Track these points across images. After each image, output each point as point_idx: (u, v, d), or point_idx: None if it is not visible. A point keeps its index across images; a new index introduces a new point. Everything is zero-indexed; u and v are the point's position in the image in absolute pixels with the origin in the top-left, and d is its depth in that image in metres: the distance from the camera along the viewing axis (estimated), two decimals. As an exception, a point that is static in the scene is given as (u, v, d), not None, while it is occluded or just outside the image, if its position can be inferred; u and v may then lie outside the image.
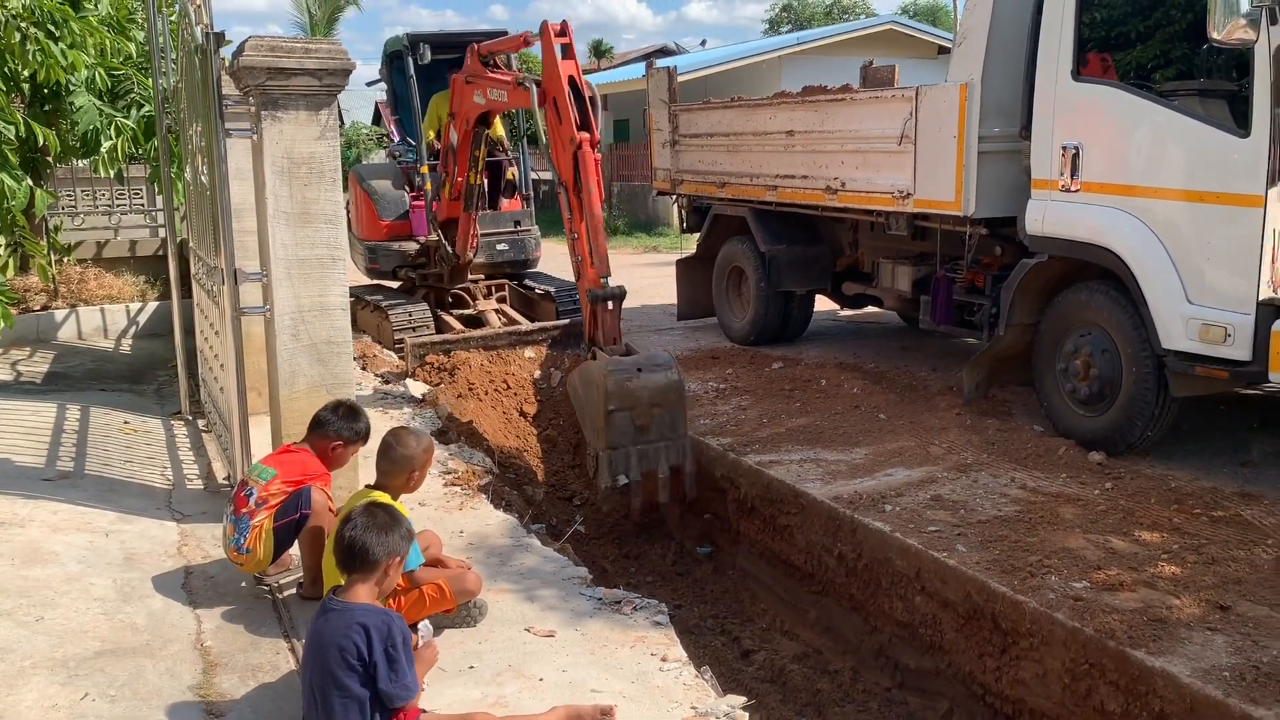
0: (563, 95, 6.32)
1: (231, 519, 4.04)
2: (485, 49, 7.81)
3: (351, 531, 2.99)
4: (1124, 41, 6.46)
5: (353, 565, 3.00)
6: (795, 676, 5.18)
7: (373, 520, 3.03)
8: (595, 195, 6.27)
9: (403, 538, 3.09)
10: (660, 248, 19.53)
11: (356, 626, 2.88)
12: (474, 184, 8.69)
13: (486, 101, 7.68)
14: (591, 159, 6.27)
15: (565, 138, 6.35)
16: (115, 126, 7.07)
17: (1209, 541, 4.74)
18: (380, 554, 2.99)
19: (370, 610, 2.95)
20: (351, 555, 2.99)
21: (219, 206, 4.69)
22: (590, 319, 6.48)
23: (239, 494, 4.08)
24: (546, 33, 6.44)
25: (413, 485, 3.85)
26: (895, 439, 6.44)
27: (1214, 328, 5.23)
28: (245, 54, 4.49)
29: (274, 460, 4.16)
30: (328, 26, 34.06)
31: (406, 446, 3.80)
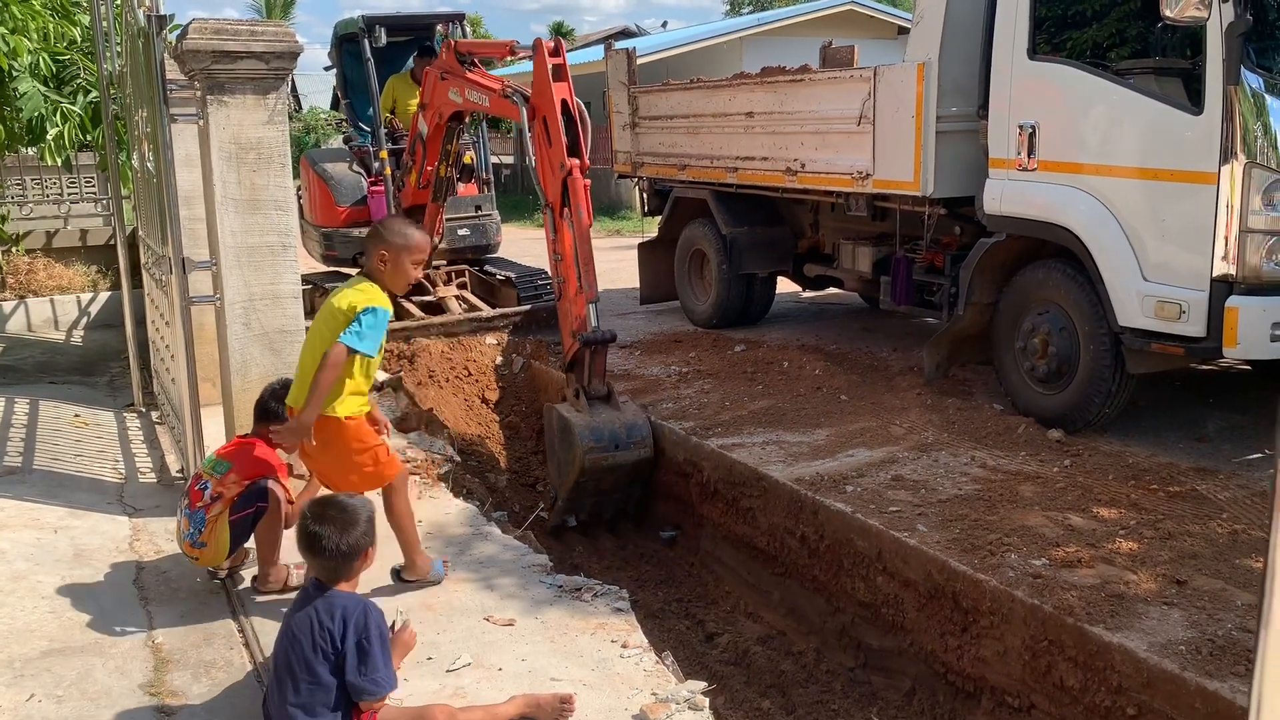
0: (554, 116, 6.20)
1: (186, 513, 3.96)
2: (463, 47, 7.63)
3: (326, 542, 2.96)
4: (1079, 20, 6.47)
5: (337, 572, 3.01)
6: (759, 658, 5.18)
7: (333, 524, 2.99)
8: (586, 222, 6.24)
9: (364, 530, 3.04)
10: (622, 231, 19.47)
11: (334, 613, 2.88)
12: (444, 175, 8.58)
13: (464, 101, 7.54)
14: (582, 185, 6.22)
15: (555, 162, 6.24)
16: (61, 113, 6.90)
17: (1165, 517, 4.78)
18: (353, 555, 3.01)
19: (350, 598, 2.94)
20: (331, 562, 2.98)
21: (165, 194, 4.59)
22: (578, 360, 6.41)
23: (193, 488, 4.00)
24: (540, 51, 6.26)
25: (390, 273, 3.83)
26: (856, 420, 6.45)
27: (1169, 304, 5.27)
28: (189, 37, 4.40)
29: (228, 453, 4.08)
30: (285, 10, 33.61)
31: (388, 229, 3.86)
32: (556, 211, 6.35)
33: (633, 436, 6.34)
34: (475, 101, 7.37)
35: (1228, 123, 5.01)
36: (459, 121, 8.20)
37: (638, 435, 6.36)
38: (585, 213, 6.21)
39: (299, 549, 3.03)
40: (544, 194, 6.47)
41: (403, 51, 10.30)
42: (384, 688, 2.90)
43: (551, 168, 6.31)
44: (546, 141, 6.30)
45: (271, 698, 2.95)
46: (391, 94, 9.82)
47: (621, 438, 6.29)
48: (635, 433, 6.36)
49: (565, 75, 6.27)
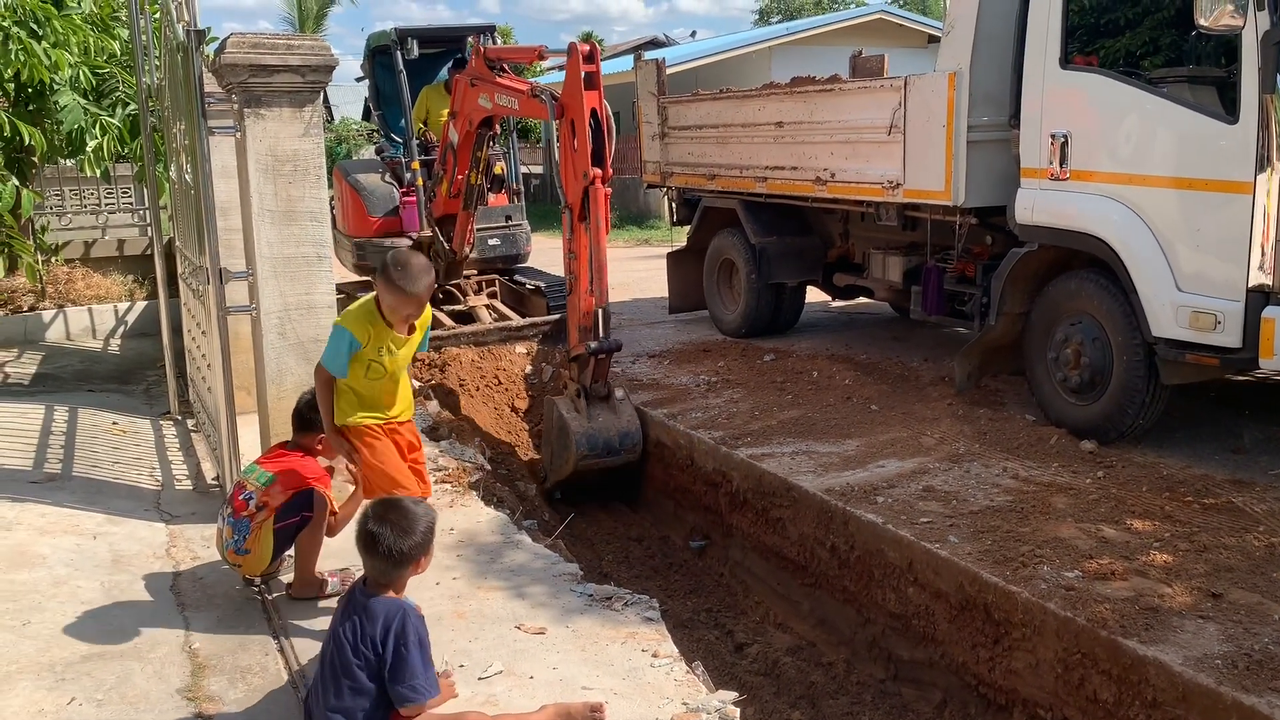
0: (582, 122, 6.23)
1: (229, 521, 4.00)
2: (493, 54, 7.70)
3: (382, 543, 2.97)
4: (1112, 29, 6.44)
5: (386, 575, 3.03)
6: (789, 669, 5.17)
7: (392, 527, 3.00)
8: (603, 232, 6.38)
9: (420, 540, 3.04)
10: (651, 241, 19.49)
11: (376, 620, 2.91)
12: (474, 184, 8.64)
13: (494, 106, 7.60)
14: (603, 195, 6.31)
15: (579, 169, 6.32)
16: (100, 125, 7.03)
17: (1200, 529, 4.73)
18: (406, 561, 3.02)
19: (392, 604, 2.97)
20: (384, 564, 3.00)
21: (203, 205, 4.66)
22: (583, 361, 6.66)
23: (236, 497, 4.04)
24: (575, 54, 6.26)
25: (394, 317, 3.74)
26: (887, 430, 6.43)
27: (1204, 315, 5.22)
28: (227, 51, 4.46)
29: (270, 463, 4.12)
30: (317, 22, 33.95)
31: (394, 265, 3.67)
32: (575, 214, 6.46)
33: (625, 444, 6.74)
34: (505, 105, 7.42)
35: (1263, 131, 4.96)
36: (489, 128, 8.26)
37: (630, 443, 6.76)
38: (603, 222, 6.34)
39: (357, 546, 3.05)
40: (564, 195, 6.57)
41: (434, 63, 10.38)
42: (422, 694, 2.91)
43: (575, 172, 6.38)
44: (572, 145, 6.35)
45: (314, 697, 2.99)
46: (425, 105, 9.91)
47: (614, 445, 6.69)
48: (628, 440, 6.75)
49: (597, 83, 6.30)
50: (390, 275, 3.62)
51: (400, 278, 3.62)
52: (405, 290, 3.64)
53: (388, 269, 3.64)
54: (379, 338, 3.73)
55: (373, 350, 3.73)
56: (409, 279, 3.63)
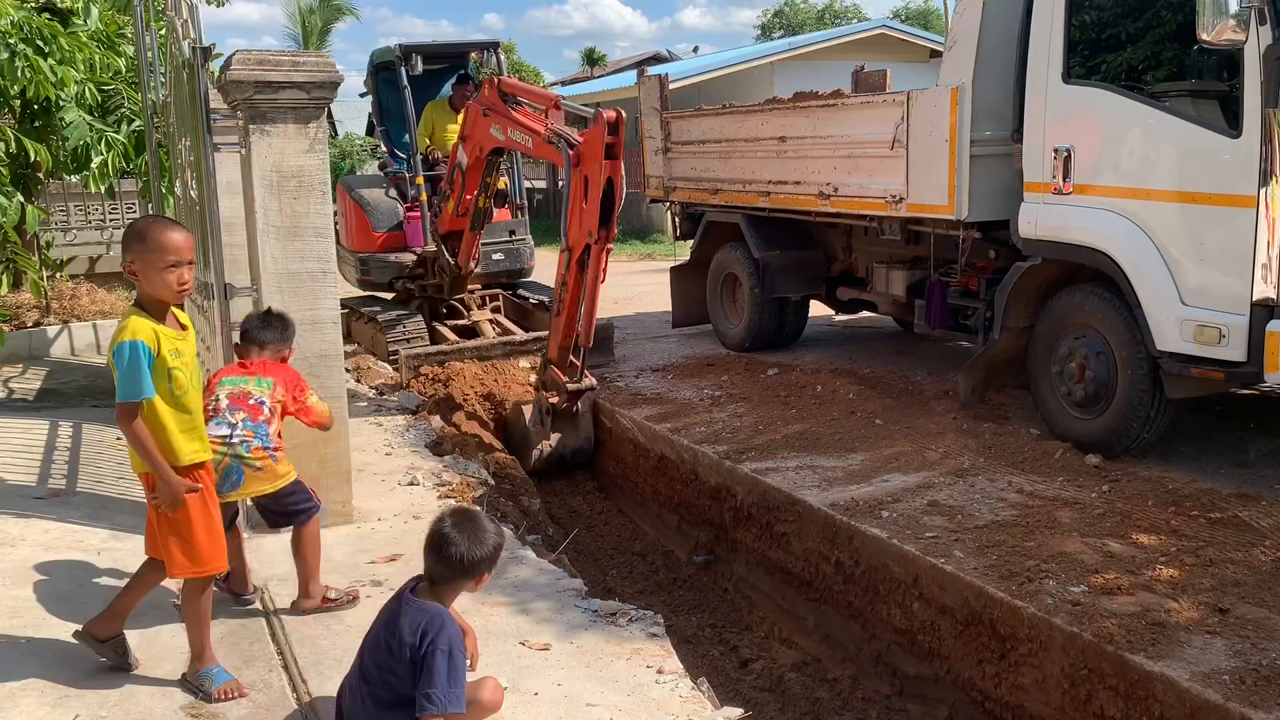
0: (596, 182, 6.34)
1: (247, 425, 3.92)
2: (507, 88, 7.73)
3: (452, 548, 2.95)
4: (1114, 43, 6.46)
5: (445, 580, 3.00)
6: (794, 685, 5.15)
7: (467, 535, 2.98)
8: (598, 285, 6.68)
9: (488, 555, 3.01)
10: (654, 255, 19.51)
11: (417, 624, 2.89)
12: (482, 206, 8.69)
13: (506, 139, 7.66)
14: (605, 255, 6.56)
15: (586, 225, 6.48)
16: (105, 141, 7.05)
17: (1207, 543, 4.72)
18: (469, 572, 3.00)
19: (434, 611, 2.94)
20: (448, 569, 2.98)
21: (209, 221, 4.68)
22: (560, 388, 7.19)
23: (246, 404, 3.98)
24: (600, 123, 6.29)
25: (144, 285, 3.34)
26: (891, 444, 6.42)
27: (1208, 329, 5.22)
28: (232, 68, 4.48)
29: (259, 370, 4.09)
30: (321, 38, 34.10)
31: (131, 234, 3.37)
32: (574, 259, 6.69)
33: (576, 457, 7.73)
34: (518, 141, 7.51)
35: (1266, 145, 4.97)
36: (499, 156, 8.31)
37: (581, 456, 7.76)
38: (601, 277, 6.65)
39: (425, 549, 3.02)
40: (565, 237, 6.76)
41: (438, 79, 10.44)
42: (439, 706, 2.82)
43: (581, 225, 6.55)
44: (583, 197, 6.44)
45: (349, 685, 3.01)
46: (429, 121, 9.95)
47: (565, 456, 7.63)
48: (580, 454, 7.74)
49: (619, 154, 6.36)
50: (133, 237, 3.33)
51: (138, 234, 3.33)
52: (151, 238, 3.28)
53: (127, 237, 3.36)
54: (163, 339, 3.34)
55: (166, 354, 3.33)
56: (151, 226, 3.38)
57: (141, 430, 3.30)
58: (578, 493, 7.74)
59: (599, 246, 6.47)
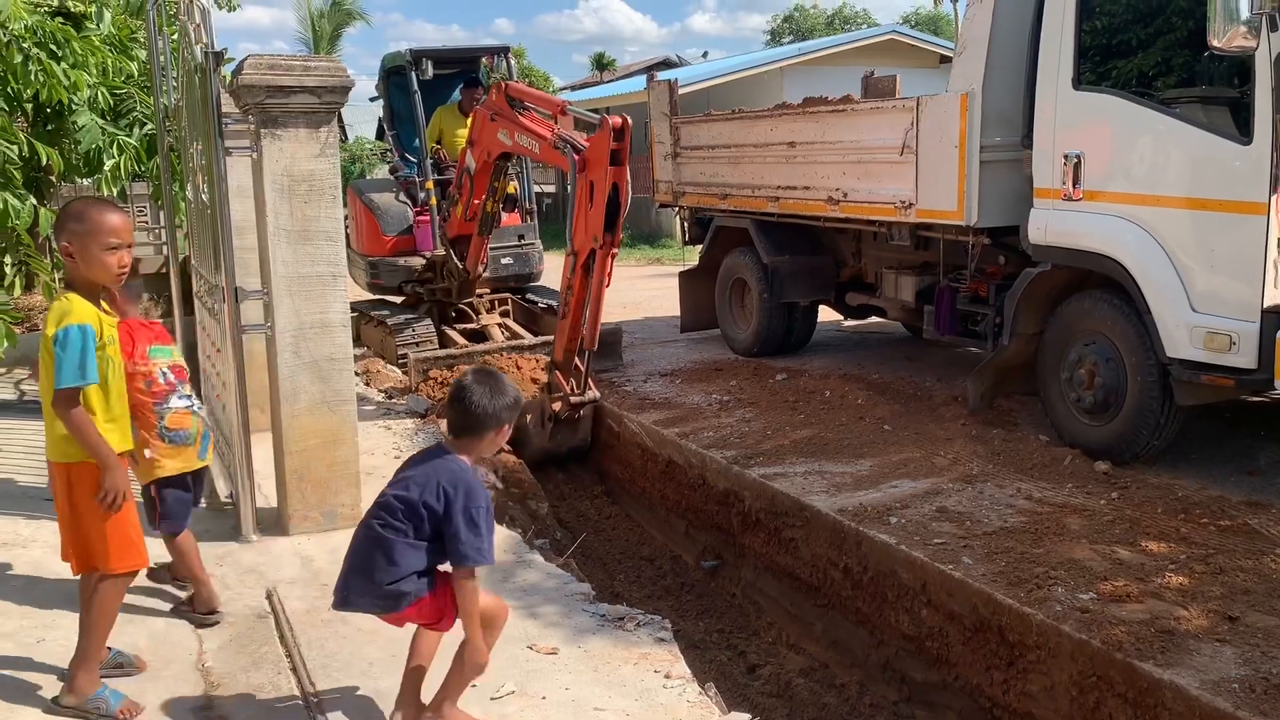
0: (602, 187, 6.37)
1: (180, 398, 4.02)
2: (515, 93, 7.75)
3: (473, 395, 2.97)
4: (1125, 49, 6.45)
5: (467, 430, 3.02)
6: (801, 691, 5.14)
7: (487, 387, 3.01)
8: (603, 289, 6.70)
9: (509, 405, 3.03)
10: (663, 260, 19.53)
11: (456, 479, 2.93)
12: (490, 211, 8.71)
13: (513, 144, 7.68)
14: (609, 259, 6.58)
15: (591, 230, 6.51)
16: (118, 145, 7.07)
17: (1216, 551, 4.70)
18: (489, 422, 3.00)
19: (470, 470, 2.99)
20: (471, 419, 2.99)
21: (220, 224, 4.69)
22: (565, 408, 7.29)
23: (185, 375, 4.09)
24: (605, 128, 6.31)
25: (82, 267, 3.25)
26: (900, 450, 6.41)
27: (1219, 336, 5.21)
28: (244, 72, 4.50)
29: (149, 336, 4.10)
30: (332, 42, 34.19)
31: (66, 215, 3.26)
32: (579, 262, 6.73)
33: (572, 454, 7.88)
34: (525, 146, 7.52)
35: (1277, 152, 4.96)
36: (507, 160, 8.33)
37: (577, 453, 7.93)
38: (606, 281, 6.68)
39: (448, 400, 3.09)
40: (571, 241, 6.78)
41: (448, 83, 10.47)
42: (487, 557, 2.93)
43: (586, 230, 6.58)
44: (588, 202, 6.46)
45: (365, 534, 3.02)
46: (438, 125, 9.98)
47: (560, 455, 7.79)
48: (576, 452, 7.91)
49: (624, 159, 6.38)
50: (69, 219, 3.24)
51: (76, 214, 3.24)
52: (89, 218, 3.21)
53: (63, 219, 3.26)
54: (105, 323, 3.28)
55: (106, 339, 3.27)
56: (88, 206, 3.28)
57: (83, 417, 3.21)
58: (585, 497, 7.75)
59: (604, 251, 6.51)
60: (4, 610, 4.10)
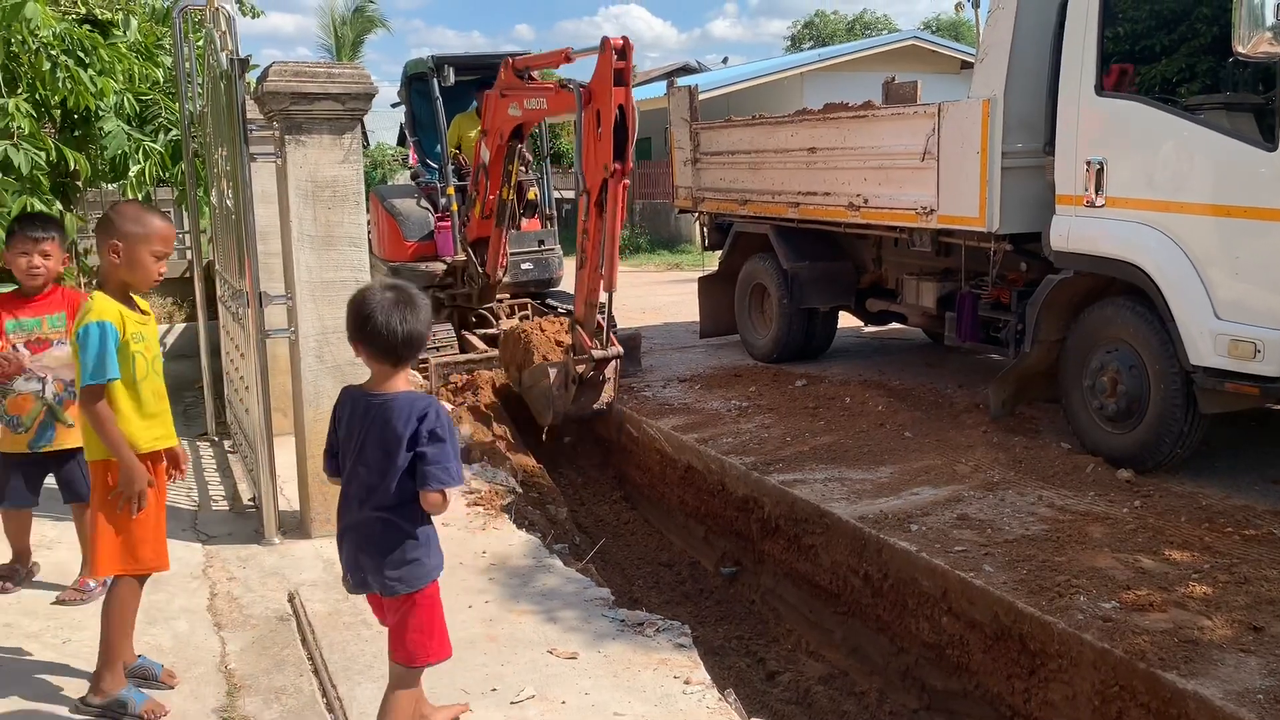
0: (608, 115, 6.37)
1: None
2: (520, 63, 7.84)
3: (403, 323, 2.78)
4: (1148, 55, 6.42)
5: (400, 355, 2.84)
6: (821, 698, 5.13)
7: (407, 303, 2.82)
8: (618, 223, 6.60)
9: (428, 320, 2.88)
10: (682, 265, 19.54)
11: (414, 405, 2.82)
12: (505, 199, 8.74)
13: (523, 112, 7.72)
14: (621, 190, 6.49)
15: (600, 160, 6.46)
16: (143, 151, 7.14)
17: (1241, 560, 4.66)
18: (419, 346, 2.88)
19: (414, 394, 2.89)
20: (404, 345, 2.81)
21: (244, 230, 4.74)
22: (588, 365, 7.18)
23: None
24: (607, 50, 6.37)
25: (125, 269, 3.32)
26: (921, 457, 6.39)
27: (1243, 343, 5.17)
28: (269, 79, 4.54)
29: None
30: (354, 49, 34.40)
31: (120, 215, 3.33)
32: (592, 200, 6.66)
33: (592, 415, 7.63)
34: (535, 108, 7.56)
35: (1303, 159, 4.92)
36: (519, 140, 8.37)
37: (599, 415, 7.67)
38: (619, 214, 6.59)
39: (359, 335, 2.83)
40: (583, 181, 6.74)
41: (469, 90, 10.51)
42: (456, 479, 2.85)
43: (596, 162, 6.54)
44: (595, 134, 6.44)
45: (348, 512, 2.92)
46: (458, 132, 10.03)
47: (585, 416, 7.59)
48: (598, 413, 7.62)
49: (627, 80, 6.41)
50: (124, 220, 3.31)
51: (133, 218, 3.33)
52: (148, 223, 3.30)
53: (115, 219, 3.32)
54: (127, 321, 3.33)
55: (130, 337, 3.32)
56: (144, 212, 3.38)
57: (107, 413, 3.26)
58: (605, 502, 7.76)
59: (616, 181, 6.45)
60: (31, 610, 4.14)
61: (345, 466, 2.94)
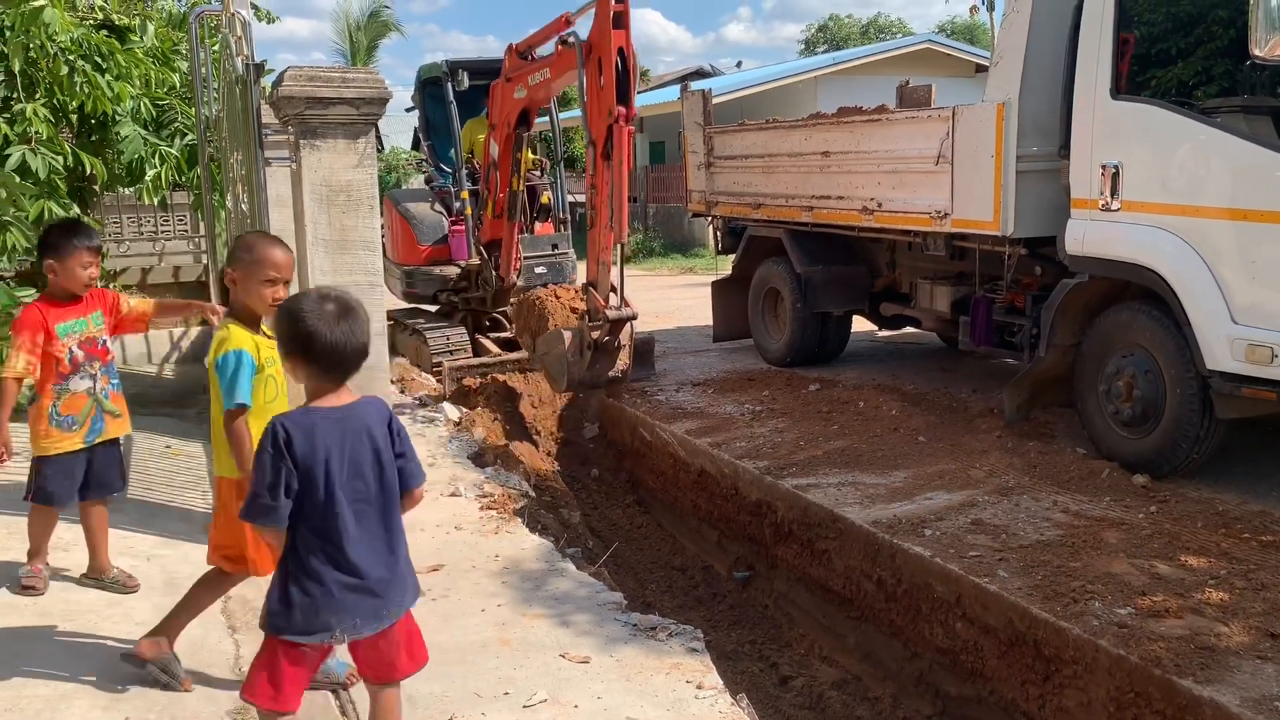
0: (609, 58, 6.41)
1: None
2: (522, 45, 7.89)
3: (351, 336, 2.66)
4: (1164, 58, 6.39)
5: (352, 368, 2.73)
6: (834, 703, 5.11)
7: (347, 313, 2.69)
8: (625, 169, 6.63)
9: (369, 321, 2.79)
10: (696, 269, 19.53)
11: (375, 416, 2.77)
12: (517, 190, 8.76)
13: (528, 91, 7.75)
14: (626, 134, 6.50)
15: (604, 106, 6.50)
16: (159, 155, 7.19)
17: (1258, 567, 4.63)
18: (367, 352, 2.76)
19: (372, 400, 2.84)
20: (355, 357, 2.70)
21: (259, 234, 4.75)
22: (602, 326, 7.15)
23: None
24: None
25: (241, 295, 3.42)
26: (935, 462, 6.37)
27: (1260, 348, 5.13)
28: (284, 84, 4.56)
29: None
30: (369, 53, 34.53)
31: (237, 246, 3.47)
32: (599, 151, 6.68)
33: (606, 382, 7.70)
34: (540, 82, 7.58)
35: (1321, 162, 4.89)
36: (526, 126, 8.39)
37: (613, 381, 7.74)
38: (626, 160, 6.59)
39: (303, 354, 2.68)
40: (589, 133, 6.77)
41: (481, 96, 10.56)
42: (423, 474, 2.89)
43: (600, 110, 6.58)
44: (598, 83, 6.47)
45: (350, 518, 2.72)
46: (470, 136, 10.07)
47: (599, 383, 7.65)
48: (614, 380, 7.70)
49: (626, 23, 6.44)
50: (240, 250, 3.45)
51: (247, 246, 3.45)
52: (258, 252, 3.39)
53: (234, 249, 3.49)
54: (261, 347, 3.46)
55: (264, 362, 3.46)
56: (258, 241, 3.49)
57: (245, 433, 3.39)
58: (617, 506, 7.76)
59: (620, 126, 6.47)
60: (46, 612, 4.17)
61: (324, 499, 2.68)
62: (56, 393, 4.11)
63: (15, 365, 3.97)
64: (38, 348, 4.02)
